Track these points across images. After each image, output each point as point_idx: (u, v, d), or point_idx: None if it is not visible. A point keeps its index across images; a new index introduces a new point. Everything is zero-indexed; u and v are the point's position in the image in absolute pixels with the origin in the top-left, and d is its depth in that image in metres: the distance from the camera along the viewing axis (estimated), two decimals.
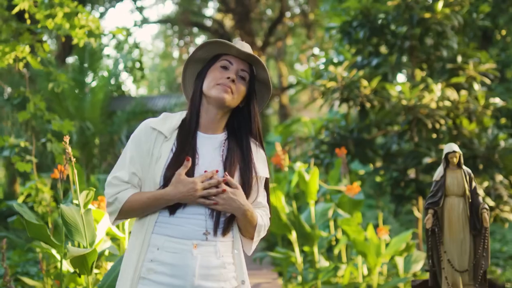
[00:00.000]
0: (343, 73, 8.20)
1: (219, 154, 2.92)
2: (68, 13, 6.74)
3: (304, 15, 25.48)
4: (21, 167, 6.67)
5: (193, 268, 2.79)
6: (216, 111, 2.93)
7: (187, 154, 2.85)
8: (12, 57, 6.70)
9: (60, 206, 3.65)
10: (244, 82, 2.95)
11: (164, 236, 2.82)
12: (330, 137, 8.76)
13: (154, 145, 2.90)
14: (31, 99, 6.80)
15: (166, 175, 2.82)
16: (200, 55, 3.00)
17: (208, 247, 2.83)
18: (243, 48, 2.94)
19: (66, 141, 3.47)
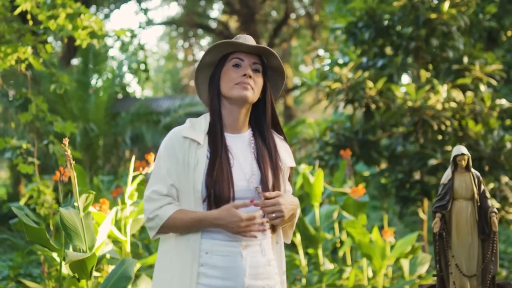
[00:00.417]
0: (348, 74, 8.13)
1: (250, 152, 2.98)
2: (70, 14, 6.69)
3: (309, 17, 25.43)
4: (23, 169, 6.63)
5: (243, 269, 2.86)
6: (240, 110, 2.97)
7: (222, 158, 2.89)
8: (14, 58, 6.66)
9: (59, 209, 3.59)
10: (259, 74, 2.98)
11: (213, 240, 2.88)
12: (335, 138, 8.69)
13: (189, 153, 2.91)
14: (33, 100, 6.75)
15: (207, 181, 2.85)
16: (208, 60, 3.01)
17: (255, 246, 2.91)
18: (249, 42, 2.96)
19: (65, 143, 3.41)
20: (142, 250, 6.65)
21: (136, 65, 20.79)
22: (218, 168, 2.86)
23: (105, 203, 5.13)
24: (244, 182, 2.90)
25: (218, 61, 3.00)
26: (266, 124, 3.01)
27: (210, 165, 2.87)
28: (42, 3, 6.54)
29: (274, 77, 3.08)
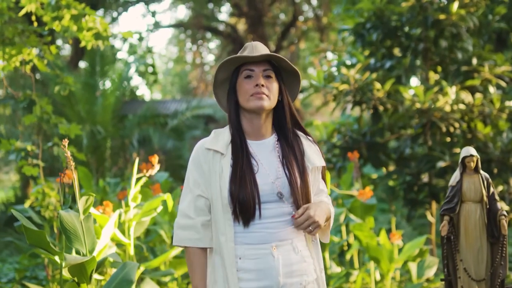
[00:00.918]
0: (356, 75, 8.05)
1: (276, 156, 3.08)
2: (75, 15, 6.65)
3: (317, 19, 25.37)
4: (27, 171, 6.58)
5: (277, 269, 2.95)
6: (259, 118, 3.07)
7: (244, 164, 3.00)
8: (18, 60, 6.62)
9: (59, 212, 3.53)
10: (273, 79, 3.06)
11: (244, 245, 2.99)
12: (342, 140, 8.62)
13: (213, 163, 3.05)
14: (38, 102, 6.70)
15: (230, 189, 2.97)
16: (222, 76, 3.13)
17: (286, 245, 3.00)
18: (256, 51, 3.05)
19: (65, 144, 3.35)
20: (147, 253, 6.60)
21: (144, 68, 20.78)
22: (241, 175, 2.97)
23: (109, 206, 5.08)
24: (268, 186, 2.99)
25: (232, 75, 3.10)
26: (287, 126, 3.09)
27: (233, 172, 2.99)
28: (46, 4, 6.50)
29: (290, 79, 3.15)
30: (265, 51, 3.06)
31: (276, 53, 3.04)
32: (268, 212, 2.98)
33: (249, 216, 2.96)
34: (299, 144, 3.11)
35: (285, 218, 3.02)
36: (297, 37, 27.49)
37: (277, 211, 3.00)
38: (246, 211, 2.96)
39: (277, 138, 3.11)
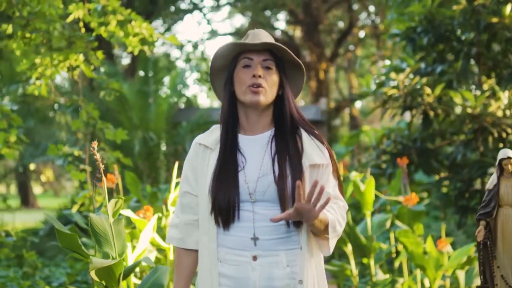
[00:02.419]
0: (405, 80, 7.93)
1: (267, 152, 2.79)
2: (121, 21, 6.70)
3: (374, 26, 25.22)
4: (75, 176, 6.64)
5: (253, 281, 2.69)
6: (255, 112, 2.82)
7: (228, 161, 2.77)
8: (66, 65, 6.68)
9: (90, 215, 3.52)
10: (273, 71, 2.81)
11: (225, 248, 2.75)
12: (392, 146, 8.50)
13: (202, 158, 2.85)
14: (84, 107, 6.75)
15: (212, 185, 2.75)
16: (220, 63, 2.89)
17: (270, 257, 2.70)
18: (257, 38, 2.80)
19: (94, 146, 3.32)
20: None
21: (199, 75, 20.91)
22: (222, 171, 2.75)
23: (149, 210, 5.06)
24: (252, 184, 2.73)
25: (230, 64, 2.87)
26: (285, 121, 2.82)
27: (216, 168, 2.77)
28: (93, 10, 6.56)
29: (293, 72, 2.89)
30: (267, 40, 2.80)
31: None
32: (247, 214, 2.72)
33: (227, 217, 2.72)
34: (298, 141, 2.80)
35: (273, 223, 2.69)
36: (353, 44, 27.36)
37: (261, 213, 2.71)
38: (223, 211, 2.71)
39: (273, 133, 2.83)
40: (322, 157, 2.79)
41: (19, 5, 6.32)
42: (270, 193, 2.71)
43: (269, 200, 2.71)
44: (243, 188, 2.73)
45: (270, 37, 2.85)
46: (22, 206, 26.49)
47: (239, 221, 2.72)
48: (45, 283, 7.94)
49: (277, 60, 2.83)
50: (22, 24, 6.46)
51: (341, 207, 2.80)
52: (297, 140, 2.80)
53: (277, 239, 2.70)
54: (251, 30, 2.88)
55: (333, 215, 2.71)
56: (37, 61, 6.59)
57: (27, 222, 17.45)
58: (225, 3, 24.18)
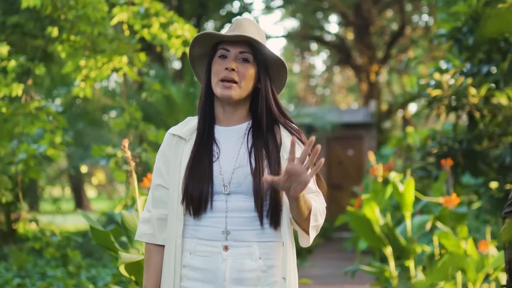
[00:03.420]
0: (450, 81, 7.85)
1: (243, 144, 2.75)
2: (163, 23, 6.78)
3: (426, 27, 24.99)
4: (118, 177, 6.73)
5: (223, 272, 2.63)
6: (231, 104, 2.77)
7: (201, 152, 2.71)
8: (110, 68, 6.78)
9: (121, 212, 3.58)
10: (249, 63, 2.74)
11: (195, 239, 2.69)
12: (437, 148, 8.41)
13: (175, 150, 2.78)
14: (127, 109, 6.85)
15: (185, 175, 2.69)
16: (198, 52, 2.84)
17: (242, 248, 2.64)
18: (238, 29, 2.74)
19: (125, 144, 3.37)
20: None
21: None
22: (196, 162, 2.70)
23: None
24: (226, 175, 2.69)
25: (210, 52, 2.80)
26: (262, 114, 2.75)
27: (189, 159, 2.72)
28: (136, 13, 6.64)
29: (275, 67, 2.81)
30: (248, 32, 2.72)
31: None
32: (222, 204, 2.66)
33: (198, 207, 2.66)
34: (276, 134, 2.75)
35: (246, 214, 2.66)
36: (406, 45, 27.13)
37: (234, 205, 2.66)
38: (195, 201, 2.65)
39: (250, 125, 2.79)
40: (301, 150, 2.67)
41: (64, 8, 6.43)
42: (246, 185, 2.66)
43: (243, 192, 2.66)
44: (217, 179, 2.69)
45: (255, 28, 2.78)
46: (76, 208, 26.89)
47: (211, 212, 2.67)
48: (90, 283, 8.06)
49: (256, 53, 2.76)
50: (67, 27, 6.59)
51: (322, 202, 2.73)
52: (275, 133, 2.75)
53: (249, 230, 2.66)
54: (236, 18, 2.82)
55: (317, 203, 2.66)
56: (82, 63, 6.70)
57: (80, 224, 17.77)
58: (276, 7, 24.20)
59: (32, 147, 6.56)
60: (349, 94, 36.27)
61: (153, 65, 16.30)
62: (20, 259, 9.43)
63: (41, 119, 6.46)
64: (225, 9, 20.14)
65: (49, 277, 8.88)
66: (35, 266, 10.10)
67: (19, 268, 9.46)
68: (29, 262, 9.92)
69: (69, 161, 19.68)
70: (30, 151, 6.51)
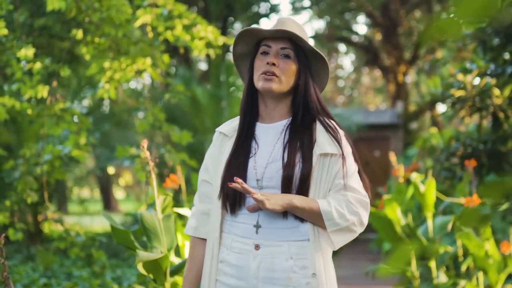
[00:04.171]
0: (473, 81, 7.82)
1: (281, 140, 2.78)
2: (187, 25, 6.83)
3: None
4: (142, 177, 6.78)
5: (253, 270, 2.67)
6: (272, 100, 2.82)
7: (243, 147, 2.79)
8: (133, 69, 6.85)
9: (141, 211, 3.63)
10: (290, 59, 2.78)
11: (232, 235, 2.75)
12: (461, 148, 8.37)
13: (220, 147, 2.87)
14: (150, 110, 6.90)
15: (224, 171, 2.76)
16: (241, 50, 2.91)
17: (273, 247, 2.67)
18: (279, 26, 2.78)
19: (144, 145, 3.42)
20: None
21: None
22: (233, 158, 2.77)
23: None
24: (260, 170, 2.73)
25: (252, 50, 2.87)
26: (299, 110, 2.79)
27: (228, 157, 2.79)
28: (159, 15, 6.70)
29: (317, 64, 2.85)
30: (290, 28, 2.76)
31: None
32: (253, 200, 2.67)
33: (233, 202, 2.72)
34: (313, 130, 2.75)
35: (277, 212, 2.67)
36: (433, 46, 26.98)
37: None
38: (230, 196, 2.72)
39: (289, 122, 2.81)
40: (334, 147, 2.73)
41: (88, 10, 6.51)
42: (277, 180, 2.69)
43: (275, 186, 2.70)
44: (251, 174, 2.74)
45: (297, 26, 2.81)
46: (105, 210, 27.08)
47: (245, 208, 2.72)
48: (115, 283, 8.14)
49: (297, 50, 2.80)
50: (92, 30, 6.66)
51: (352, 199, 2.70)
52: (311, 129, 2.77)
53: (280, 228, 2.69)
54: (279, 17, 2.86)
55: (330, 205, 2.66)
56: (106, 65, 6.77)
57: (107, 225, 17.86)
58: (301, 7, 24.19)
59: (57, 148, 6.64)
60: (377, 95, 36.16)
61: (179, 66, 16.39)
62: (46, 259, 9.54)
63: (66, 120, 6.54)
64: (252, 11, 20.15)
65: (75, 277, 8.98)
66: (61, 266, 10.21)
67: (45, 268, 9.57)
68: (55, 262, 10.03)
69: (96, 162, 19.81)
70: (55, 152, 6.59)
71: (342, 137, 2.79)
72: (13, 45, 6.01)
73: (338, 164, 2.73)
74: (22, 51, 5.96)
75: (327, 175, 2.71)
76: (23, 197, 6.57)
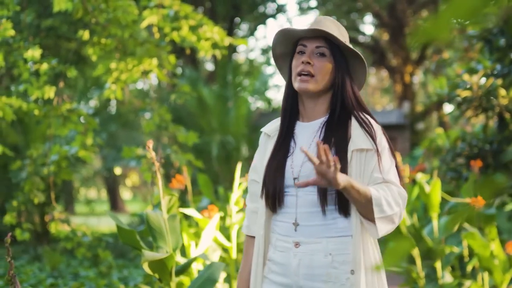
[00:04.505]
0: (479, 82, 7.82)
1: (317, 138, 2.81)
2: (193, 26, 6.85)
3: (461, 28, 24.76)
4: (148, 178, 6.81)
5: (294, 267, 2.72)
6: (309, 99, 2.86)
7: (282, 147, 2.84)
8: (140, 70, 6.87)
9: (146, 211, 3.65)
10: (326, 58, 2.81)
11: (276, 234, 2.81)
12: (467, 149, 8.37)
13: (264, 147, 2.94)
14: (157, 110, 6.93)
15: (265, 171, 2.82)
16: (280, 50, 2.95)
17: (311, 244, 2.71)
18: (315, 25, 2.80)
19: (150, 145, 3.44)
20: None
21: None
22: (272, 157, 2.82)
23: (213, 210, 5.16)
24: (296, 169, 2.76)
25: (291, 50, 2.90)
26: (335, 108, 2.82)
27: (269, 156, 2.83)
28: (165, 15, 6.72)
29: (355, 62, 2.87)
30: (325, 27, 2.77)
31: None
32: (293, 199, 2.75)
33: (273, 201, 2.77)
34: (348, 126, 2.77)
35: (314, 208, 2.71)
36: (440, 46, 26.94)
37: (303, 199, 2.73)
38: (270, 195, 2.77)
39: (326, 120, 2.83)
40: (369, 142, 2.74)
41: (95, 11, 6.53)
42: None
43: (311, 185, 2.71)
44: (288, 172, 2.78)
45: (334, 25, 2.83)
46: (111, 210, 27.10)
47: (284, 207, 2.77)
48: (121, 283, 8.15)
49: (333, 48, 2.81)
50: (98, 31, 6.69)
51: (394, 191, 2.70)
52: (347, 126, 2.78)
53: (318, 225, 2.71)
54: (318, 16, 2.87)
55: (379, 193, 2.65)
56: (113, 66, 6.80)
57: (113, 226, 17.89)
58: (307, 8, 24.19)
59: (64, 148, 6.66)
60: (384, 96, 36.12)
61: (186, 67, 16.41)
62: (53, 259, 9.57)
63: (73, 121, 6.56)
64: (258, 11, 20.17)
65: (82, 277, 9.00)
66: (68, 267, 10.24)
67: (52, 268, 9.60)
68: (62, 262, 10.05)
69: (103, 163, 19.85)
70: (62, 153, 6.61)
71: (377, 132, 2.80)
72: (20, 46, 6.04)
73: (374, 159, 2.74)
74: (29, 52, 5.99)
75: (364, 170, 2.73)
76: (30, 198, 6.60)
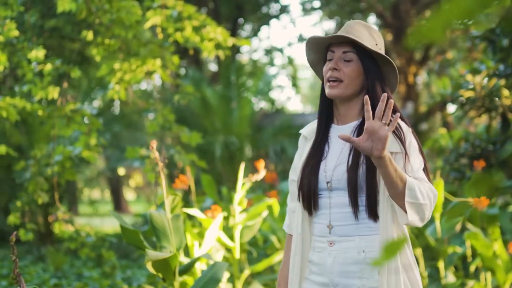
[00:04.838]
0: (482, 82, 7.82)
1: (348, 143, 2.80)
2: (196, 26, 6.86)
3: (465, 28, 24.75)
4: (151, 178, 6.81)
5: (329, 265, 2.80)
6: (342, 103, 2.91)
7: (317, 150, 2.90)
8: (143, 71, 6.89)
9: (150, 211, 3.66)
10: (353, 62, 2.84)
11: (313, 236, 2.89)
12: (470, 149, 8.37)
13: (302, 148, 3.02)
14: (160, 111, 6.94)
15: (301, 173, 2.89)
16: (314, 57, 3.00)
17: (345, 242, 2.79)
18: (343, 31, 2.84)
19: (153, 146, 3.46)
20: None
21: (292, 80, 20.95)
22: (307, 160, 2.89)
23: (217, 210, 5.17)
24: (329, 172, 2.83)
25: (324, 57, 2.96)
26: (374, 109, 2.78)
27: (305, 159, 2.91)
28: (168, 16, 6.74)
29: (385, 67, 2.88)
30: (354, 32, 2.81)
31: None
32: (326, 201, 2.83)
33: (308, 204, 2.84)
34: None
35: (346, 209, 2.78)
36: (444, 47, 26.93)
37: (336, 201, 2.80)
38: (305, 198, 2.85)
39: (359, 123, 2.86)
40: (397, 145, 2.75)
41: (98, 12, 6.55)
42: (344, 181, 2.79)
43: (343, 188, 2.79)
44: (322, 176, 2.85)
45: (364, 29, 2.85)
46: (115, 211, 27.10)
47: (319, 209, 2.85)
48: (125, 283, 8.17)
49: (361, 52, 2.83)
50: (102, 31, 6.70)
51: (426, 186, 2.69)
52: None
53: (351, 225, 2.79)
54: (349, 21, 2.91)
55: (414, 181, 2.64)
56: (116, 66, 6.81)
57: (117, 226, 17.91)
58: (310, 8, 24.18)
59: (68, 149, 6.68)
60: None
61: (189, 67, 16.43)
62: (57, 260, 9.59)
63: (77, 121, 6.58)
64: (262, 12, 20.17)
65: (85, 277, 9.02)
66: (72, 267, 10.26)
67: (56, 268, 9.62)
68: (66, 262, 10.07)
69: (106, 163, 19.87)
70: (66, 153, 6.62)
71: (406, 134, 2.80)
72: (24, 47, 6.05)
73: (401, 162, 2.75)
74: (33, 53, 6.00)
75: None
76: (34, 198, 6.62)
